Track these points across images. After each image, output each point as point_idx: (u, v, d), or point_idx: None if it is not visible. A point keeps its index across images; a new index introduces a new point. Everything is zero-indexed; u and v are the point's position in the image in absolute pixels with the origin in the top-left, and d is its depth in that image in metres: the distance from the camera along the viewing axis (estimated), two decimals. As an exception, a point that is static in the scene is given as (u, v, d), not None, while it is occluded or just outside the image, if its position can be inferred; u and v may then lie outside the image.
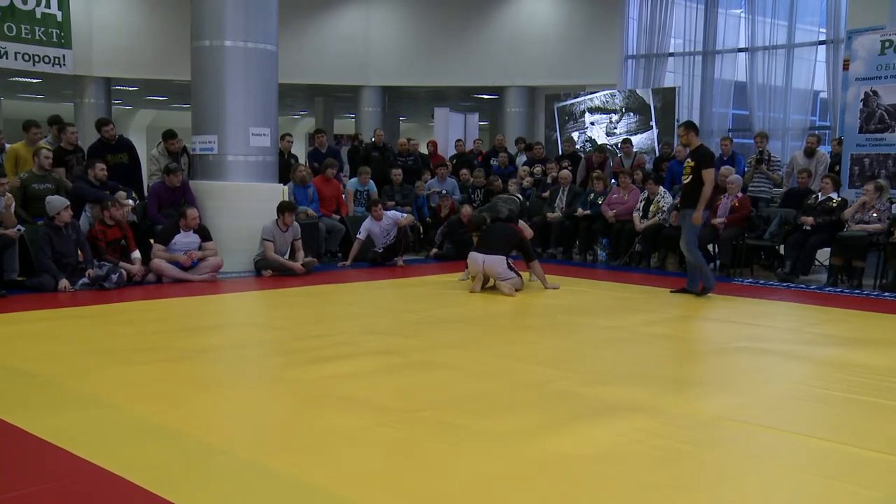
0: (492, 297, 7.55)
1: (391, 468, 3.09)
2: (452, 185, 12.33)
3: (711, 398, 4.16)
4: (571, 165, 12.33)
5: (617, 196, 10.71)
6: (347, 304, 7.29)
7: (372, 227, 9.84)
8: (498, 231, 7.94)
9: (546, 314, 6.77)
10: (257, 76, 8.99)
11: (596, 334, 5.88)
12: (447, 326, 6.09)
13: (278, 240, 8.78)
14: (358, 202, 11.15)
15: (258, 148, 9.08)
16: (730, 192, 9.72)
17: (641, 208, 10.32)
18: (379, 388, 4.18)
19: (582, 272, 9.67)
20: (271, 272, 8.62)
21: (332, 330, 5.77)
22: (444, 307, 6.95)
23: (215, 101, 8.93)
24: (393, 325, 6.01)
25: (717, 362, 5.08)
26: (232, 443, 3.35)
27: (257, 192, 9.07)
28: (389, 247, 9.89)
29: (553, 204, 11.42)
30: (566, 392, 4.17)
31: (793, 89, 14.11)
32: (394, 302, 7.36)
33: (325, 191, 10.53)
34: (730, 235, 9.52)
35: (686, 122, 7.84)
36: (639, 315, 6.64)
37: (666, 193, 10.08)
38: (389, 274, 9.17)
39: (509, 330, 6.22)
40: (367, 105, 19.65)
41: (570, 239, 11.25)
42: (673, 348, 5.64)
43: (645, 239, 10.15)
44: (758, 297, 7.82)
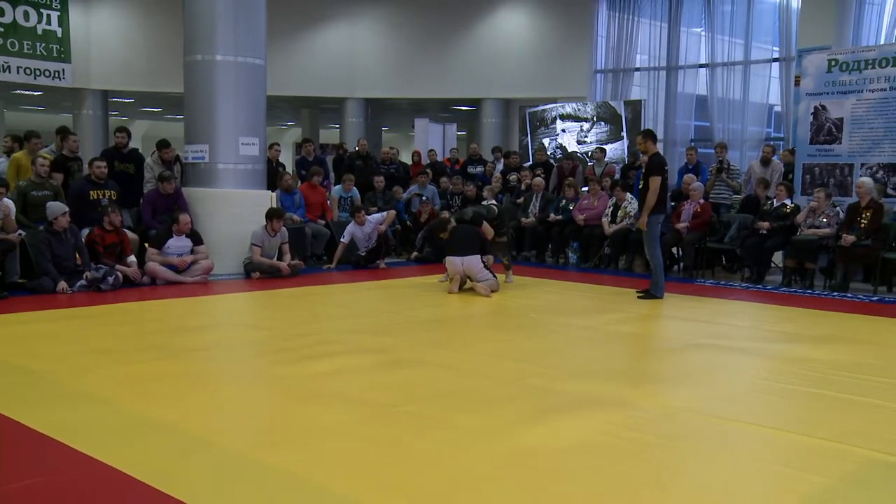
0: (469, 297, 7.56)
1: (376, 460, 3.09)
2: (432, 192, 12.33)
3: (676, 392, 4.19)
4: (544, 173, 12.38)
5: (587, 202, 10.76)
6: (333, 304, 7.28)
7: (355, 232, 9.83)
8: (463, 233, 7.94)
9: (521, 314, 6.79)
10: (246, 88, 8.95)
11: (569, 333, 5.90)
12: (428, 326, 6.09)
13: (266, 244, 8.74)
14: (342, 208, 11.12)
15: (247, 156, 9.03)
16: (692, 198, 9.81)
17: (610, 213, 10.38)
18: (364, 385, 4.18)
19: (554, 274, 9.71)
20: (259, 274, 8.58)
21: (319, 329, 5.75)
22: (425, 307, 6.95)
23: (207, 113, 8.88)
24: (377, 325, 5.99)
25: (681, 358, 5.12)
26: (226, 437, 3.33)
27: (246, 198, 9.02)
28: (372, 250, 9.87)
29: (527, 210, 11.45)
30: (541, 388, 4.19)
31: (750, 103, 14.28)
32: (377, 303, 7.35)
33: (311, 197, 10.49)
34: (692, 239, 9.61)
35: (644, 131, 7.89)
36: (608, 314, 6.68)
37: (633, 199, 10.14)
38: (372, 276, 9.15)
39: (487, 329, 6.22)
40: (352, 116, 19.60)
41: (544, 242, 11.28)
42: (641, 345, 5.68)
43: (613, 242, 10.21)
44: (719, 297, 7.89)
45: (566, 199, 11.08)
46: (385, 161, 13.06)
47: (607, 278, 9.33)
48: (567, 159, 12.55)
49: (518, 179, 12.52)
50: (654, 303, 7.43)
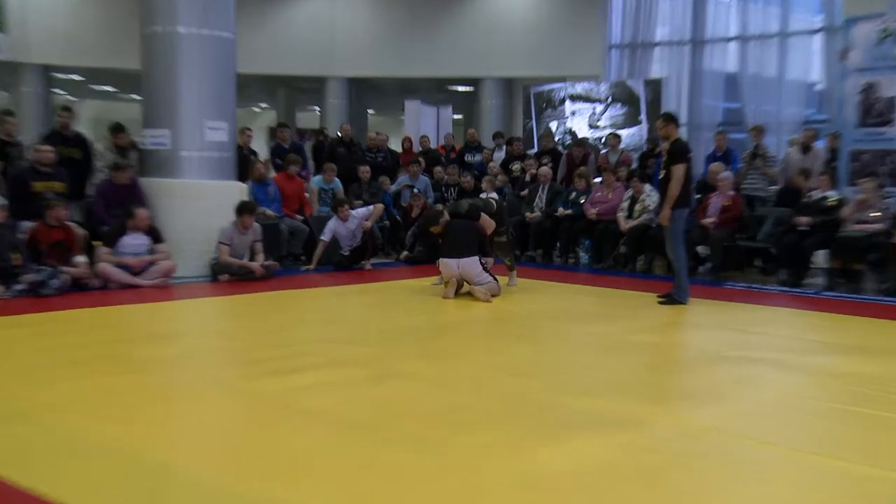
0: (466, 303, 7.57)
1: (360, 486, 3.09)
2: (425, 184, 12.34)
3: (701, 410, 4.20)
4: (552, 162, 12.39)
5: (600, 195, 10.79)
6: (312, 310, 7.27)
7: (337, 228, 9.84)
8: (459, 230, 7.94)
9: (525, 321, 6.79)
10: (213, 65, 8.94)
11: (578, 342, 5.91)
12: (419, 335, 6.09)
13: (237, 243, 8.74)
14: (322, 201, 11.12)
15: (214, 143, 9.02)
16: (721, 189, 9.82)
17: (626, 207, 10.40)
18: (347, 401, 4.18)
19: (563, 276, 9.72)
20: (228, 276, 8.58)
21: (295, 339, 5.75)
22: (415, 314, 6.95)
23: (167, 92, 8.86)
24: (361, 334, 6.00)
25: (705, 372, 5.13)
26: (186, 461, 3.33)
27: (213, 190, 9.02)
28: (356, 249, 9.88)
29: (532, 203, 11.47)
30: (547, 404, 4.20)
31: (787, 81, 14.17)
32: (361, 309, 7.34)
33: (287, 189, 10.50)
34: (721, 236, 9.62)
35: (664, 114, 7.91)
36: (624, 322, 6.69)
37: (652, 191, 10.16)
38: (356, 278, 9.14)
39: (485, 338, 6.23)
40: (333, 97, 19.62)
41: (551, 240, 11.30)
42: (660, 357, 5.69)
43: (630, 240, 10.23)
44: (751, 303, 7.91)
45: (576, 192, 11.10)
46: (371, 148, 13.07)
47: (623, 281, 9.34)
48: (577, 146, 12.58)
49: (522, 169, 12.54)
50: (677, 309, 7.45)
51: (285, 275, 9.20)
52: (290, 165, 10.65)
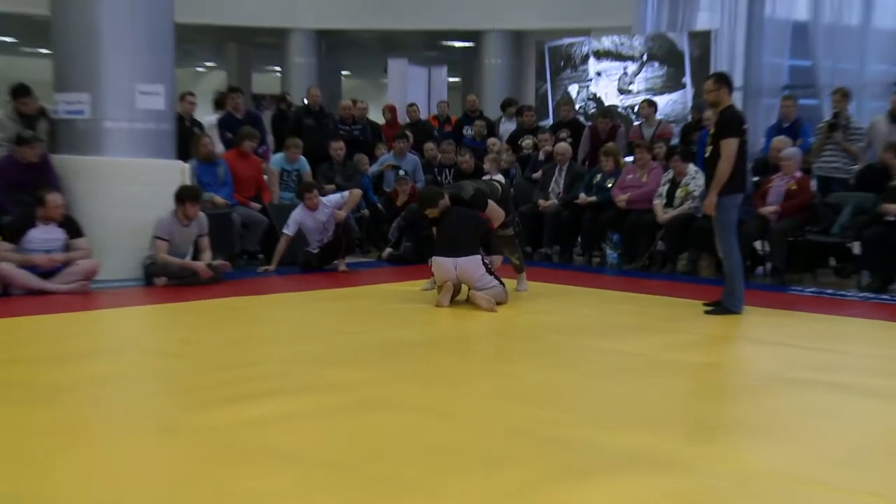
0: (465, 312, 7.55)
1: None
2: (414, 164, 12.34)
3: (759, 449, 4.18)
4: (572, 136, 12.40)
5: (632, 177, 10.79)
6: (272, 322, 7.26)
7: (304, 220, 9.82)
8: (458, 220, 7.92)
9: (538, 336, 6.78)
10: (146, 14, 8.93)
11: (605, 363, 5.90)
12: (407, 353, 6.07)
13: (177, 238, 8.73)
14: (285, 186, 11.12)
15: (147, 111, 9.01)
16: (785, 170, 9.79)
17: (665, 193, 10.40)
18: (314, 437, 4.16)
19: (585, 279, 9.72)
20: (167, 280, 8.56)
21: (251, 358, 5.73)
22: (401, 327, 6.93)
23: (87, 47, 8.83)
24: (335, 352, 5.99)
25: (765, 400, 5.11)
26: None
27: (147, 171, 9.00)
28: (327, 246, 9.88)
29: (547, 188, 11.47)
30: (564, 440, 4.18)
31: (873, 30, 13.90)
32: (335, 320, 7.33)
33: (240, 170, 10.49)
34: (785, 229, 9.61)
35: (717, 74, 7.89)
36: (662, 336, 6.69)
37: (698, 173, 10.16)
38: (328, 282, 9.13)
39: (489, 357, 6.22)
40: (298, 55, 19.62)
41: (571, 235, 11.31)
42: (707, 381, 5.68)
43: (670, 234, 10.23)
44: (823, 312, 7.92)
45: (602, 174, 11.11)
46: (346, 119, 13.08)
47: (661, 285, 9.34)
48: (604, 116, 12.61)
49: (534, 145, 12.55)
50: (729, 320, 7.45)
51: (239, 277, 9.19)
52: (245, 141, 10.63)
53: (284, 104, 14.30)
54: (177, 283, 8.57)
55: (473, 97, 14.73)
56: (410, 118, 14.22)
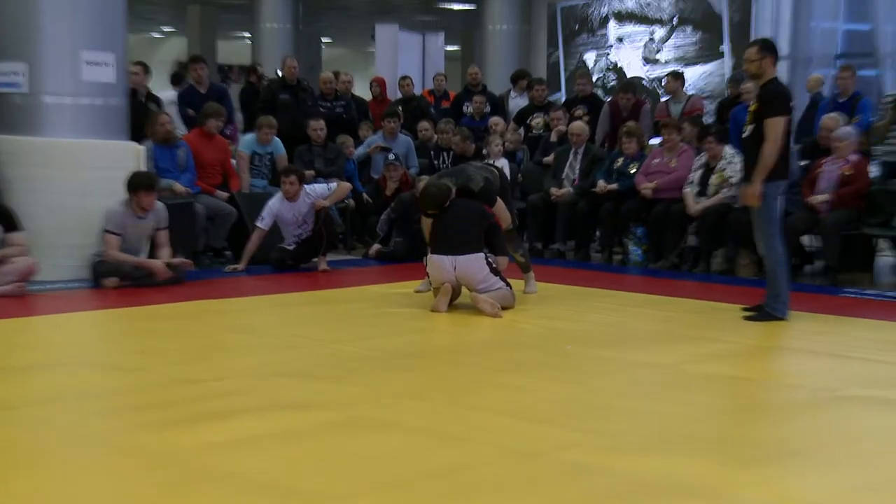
0: (466, 318, 7.57)
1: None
2: (406, 146, 12.33)
3: (805, 476, 4.19)
4: (589, 114, 12.39)
5: (659, 161, 10.80)
6: (241, 330, 7.24)
7: (282, 211, 9.82)
8: (460, 213, 7.91)
9: (549, 345, 6.79)
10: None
11: (625, 376, 5.91)
12: (397, 364, 6.09)
13: (130, 232, 8.73)
14: (257, 171, 11.11)
15: (95, 85, 9.03)
16: (838, 153, 9.77)
17: (698, 180, 10.41)
18: (291, 463, 4.16)
19: (604, 279, 9.73)
20: (119, 280, 8.57)
21: (217, 371, 5.74)
22: (391, 335, 6.95)
23: (22, 8, 8.83)
24: (313, 364, 5.99)
25: (813, 420, 5.12)
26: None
27: (94, 154, 9.01)
28: (306, 241, 9.89)
29: (560, 174, 11.47)
30: (580, 465, 4.19)
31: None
32: (314, 327, 7.32)
33: (204, 154, 10.50)
34: (838, 221, 9.60)
35: (760, 41, 7.86)
36: (693, 346, 6.70)
37: (735, 156, 10.16)
38: (306, 283, 9.14)
39: (494, 370, 6.20)
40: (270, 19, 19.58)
41: (587, 228, 11.30)
42: (745, 398, 5.68)
43: (703, 228, 10.22)
44: (880, 318, 7.92)
45: (624, 158, 11.11)
46: (327, 95, 13.06)
47: (692, 287, 9.36)
48: (626, 91, 12.58)
49: (545, 125, 12.54)
50: (772, 327, 7.46)
51: (202, 278, 9.21)
52: (209, 119, 10.63)
53: (255, 77, 14.28)
54: (130, 284, 8.56)
55: (475, 69, 14.71)
56: (402, 93, 14.20)
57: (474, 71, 14.57)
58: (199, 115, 10.84)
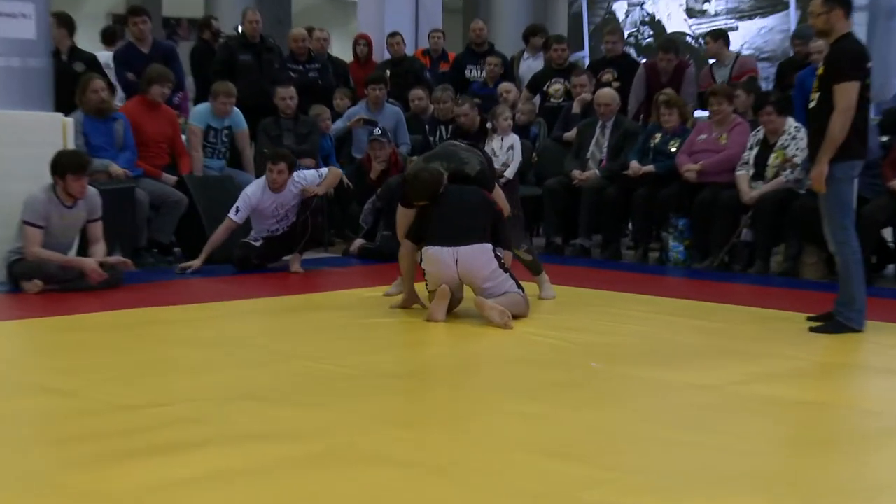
0: (468, 329, 7.60)
1: None
2: (395, 119, 12.33)
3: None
4: (619, 79, 12.39)
5: (706, 137, 10.79)
6: (195, 344, 7.25)
7: (262, 202, 9.85)
8: (459, 198, 7.93)
9: (570, 362, 6.79)
10: None
11: (663, 400, 5.92)
12: (385, 386, 6.11)
13: (56, 224, 8.72)
14: (212, 150, 11.08)
15: (10, 42, 9.07)
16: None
17: (753, 160, 10.42)
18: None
19: (638, 282, 9.76)
20: (41, 283, 8.59)
21: (165, 394, 5.74)
22: (378, 350, 6.97)
23: None
24: (283, 385, 6.00)
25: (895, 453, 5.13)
26: None
27: (11, 128, 9.06)
28: (278, 236, 9.93)
29: (584, 153, 11.47)
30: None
31: None
32: (284, 340, 7.33)
33: (147, 127, 10.52)
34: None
35: None
36: (746, 363, 6.70)
37: (800, 131, 10.17)
38: (276, 287, 9.18)
39: (502, 393, 6.19)
40: (229, -36, 19.57)
41: (618, 220, 11.30)
42: (811, 426, 5.69)
43: (760, 218, 10.22)
44: None
45: (663, 133, 11.11)
46: (299, 56, 13.05)
47: (746, 291, 9.36)
48: (666, 50, 12.56)
49: (566, 92, 12.54)
50: (845, 340, 7.46)
51: (146, 280, 9.23)
52: (153, 85, 10.64)
53: (209, 33, 14.23)
54: (57, 288, 8.58)
55: (480, 24, 14.66)
56: (391, 53, 14.18)
57: (479, 27, 14.52)
58: (141, 81, 10.83)
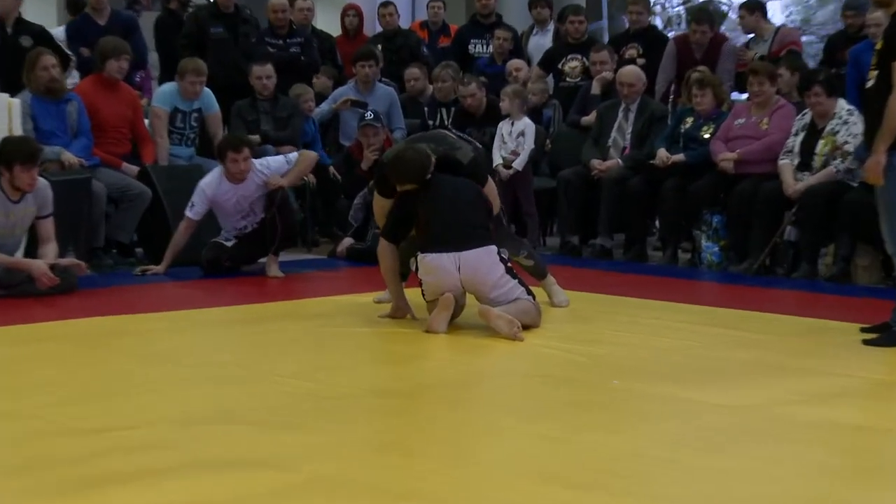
0: (473, 341, 7.61)
1: None
2: (388, 101, 12.33)
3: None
4: (644, 55, 12.40)
5: (745, 122, 10.79)
6: (159, 358, 7.24)
7: (222, 195, 9.88)
8: (457, 191, 7.94)
9: (588, 379, 6.80)
10: None
11: (695, 422, 5.91)
12: (377, 406, 6.14)
13: (0, 222, 8.73)
14: (180, 137, 11.09)
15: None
16: None
17: (798, 148, 10.43)
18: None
19: (666, 288, 9.78)
20: (-15, 289, 8.63)
21: (124, 416, 5.75)
22: (369, 365, 7.04)
23: None
24: (260, 405, 6.02)
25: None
26: None
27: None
28: (251, 235, 9.97)
29: (605, 140, 11.48)
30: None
31: None
32: (262, 354, 7.34)
33: (104, 110, 10.56)
34: None
35: None
36: (790, 380, 6.71)
37: (853, 115, 10.17)
38: (251, 293, 9.22)
39: (509, 413, 6.18)
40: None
41: (643, 216, 11.31)
42: (866, 453, 5.68)
43: (807, 214, 10.20)
44: None
45: (696, 116, 11.12)
46: (279, 28, 13.04)
47: (790, 298, 9.37)
48: (699, 22, 12.57)
49: (583, 71, 12.54)
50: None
51: (104, 285, 9.26)
52: (108, 60, 10.66)
53: (176, 2, 14.22)
54: (2, 293, 8.62)
55: (487, -7, 14.70)
56: (383, 26, 14.18)
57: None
58: (98, 57, 10.84)
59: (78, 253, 9.18)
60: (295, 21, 13.25)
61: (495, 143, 11.59)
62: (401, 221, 8.02)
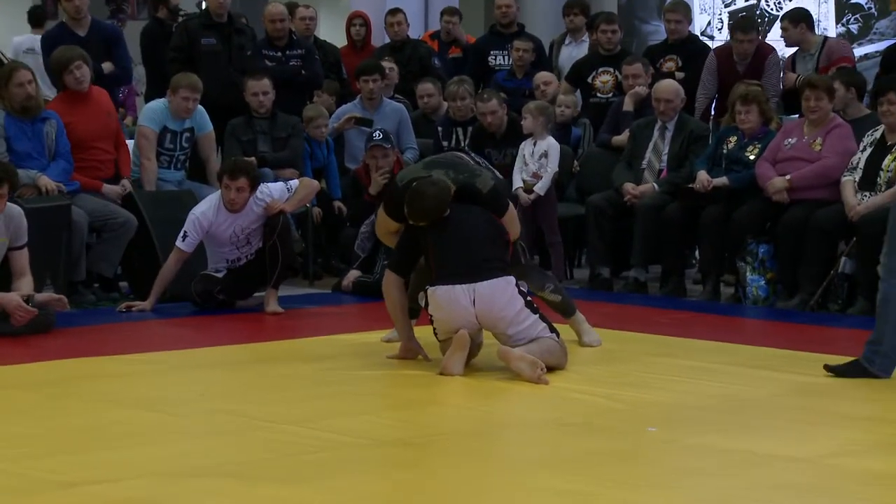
0: (492, 384, 7.62)
1: None
2: (397, 118, 12.36)
3: None
4: (682, 68, 12.40)
5: (796, 141, 10.77)
6: (144, 404, 7.25)
7: (217, 226, 9.90)
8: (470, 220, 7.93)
9: (620, 426, 6.81)
10: None
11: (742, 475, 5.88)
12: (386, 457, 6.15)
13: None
14: (169, 159, 11.11)
15: None
16: None
17: (864, 164, 10.38)
18: None
19: (706, 326, 9.76)
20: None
21: (106, 468, 5.73)
22: (377, 411, 7.02)
23: None
24: (255, 457, 6.01)
25: None
26: None
27: None
28: (245, 268, 9.97)
29: (639, 162, 11.48)
30: None
31: None
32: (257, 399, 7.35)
33: (80, 126, 10.58)
34: None
35: None
36: (849, 429, 6.70)
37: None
38: (247, 331, 9.26)
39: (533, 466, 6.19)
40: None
41: (681, 246, 11.29)
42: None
43: (864, 243, 10.13)
44: None
45: (740, 136, 11.11)
46: (277, 39, 13.07)
47: (849, 338, 9.32)
48: (745, 31, 12.57)
49: (615, 85, 12.55)
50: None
51: (85, 322, 9.29)
52: (65, 77, 10.68)
53: (165, 11, 14.29)
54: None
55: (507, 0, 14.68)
56: (390, 36, 14.22)
57: (505, 3, 14.48)
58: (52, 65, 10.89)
59: (56, 287, 9.21)
60: (295, 31, 13.29)
61: (516, 164, 11.56)
62: (410, 252, 8.02)
